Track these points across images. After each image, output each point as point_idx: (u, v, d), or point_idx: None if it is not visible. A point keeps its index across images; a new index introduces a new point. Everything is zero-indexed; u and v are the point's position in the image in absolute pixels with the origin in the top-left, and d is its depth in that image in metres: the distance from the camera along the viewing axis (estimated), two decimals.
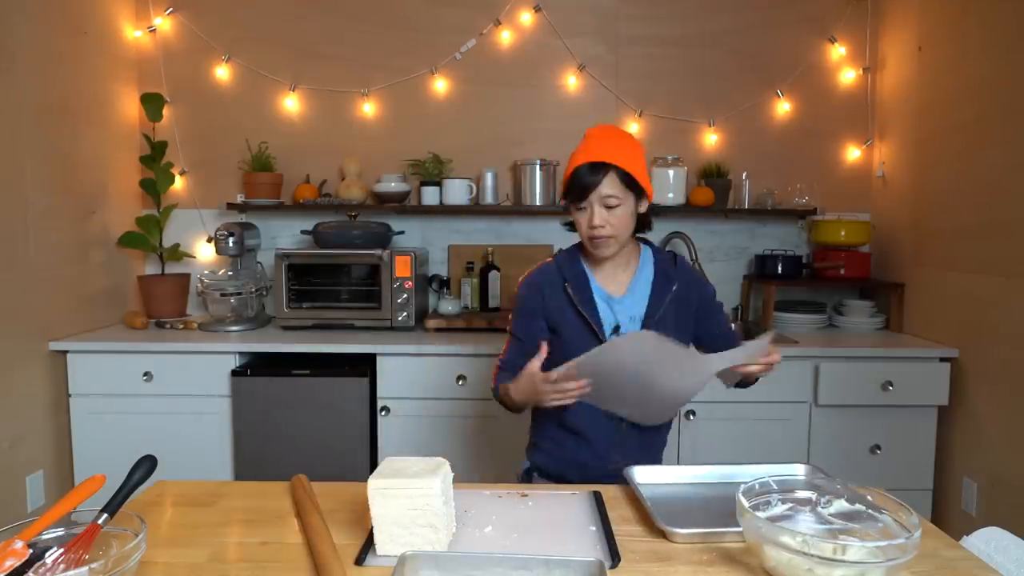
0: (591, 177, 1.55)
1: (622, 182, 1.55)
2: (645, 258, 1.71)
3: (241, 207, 3.04)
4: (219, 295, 2.83)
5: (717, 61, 3.12)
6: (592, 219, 1.57)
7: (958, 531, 1.23)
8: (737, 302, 3.18)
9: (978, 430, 2.46)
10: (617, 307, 1.66)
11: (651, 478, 1.35)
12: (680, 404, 1.57)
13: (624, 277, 1.69)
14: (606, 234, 1.57)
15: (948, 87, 2.60)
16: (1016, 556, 1.13)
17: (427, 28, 3.11)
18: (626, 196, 1.56)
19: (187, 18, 3.11)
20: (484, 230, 3.19)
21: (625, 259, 1.69)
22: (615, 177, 1.54)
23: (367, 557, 1.06)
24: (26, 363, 2.45)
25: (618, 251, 1.63)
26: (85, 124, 2.77)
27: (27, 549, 0.94)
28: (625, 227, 1.59)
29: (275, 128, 3.14)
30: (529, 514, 1.22)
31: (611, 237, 1.58)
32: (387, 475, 1.08)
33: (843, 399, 2.55)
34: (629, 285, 1.68)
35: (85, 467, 2.62)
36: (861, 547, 0.93)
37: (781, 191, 3.08)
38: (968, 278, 2.49)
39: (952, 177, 2.58)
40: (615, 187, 1.55)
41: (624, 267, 1.69)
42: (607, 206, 1.56)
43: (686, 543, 1.11)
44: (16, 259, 2.39)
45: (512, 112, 3.14)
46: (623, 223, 1.58)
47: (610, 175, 1.54)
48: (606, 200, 1.55)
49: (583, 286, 1.66)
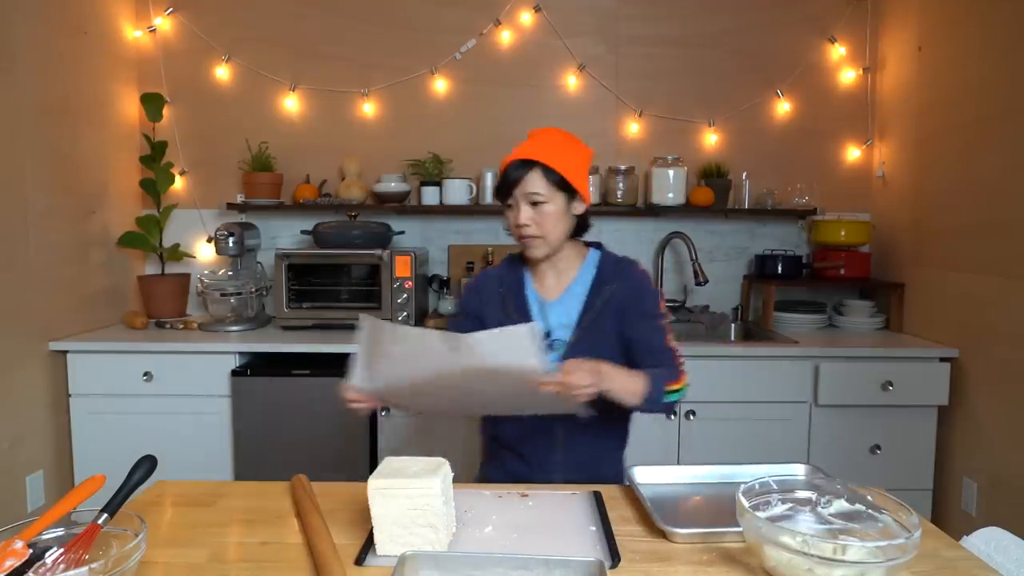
0: (516, 173, 1.53)
1: (549, 180, 1.52)
2: (589, 262, 1.66)
3: (241, 207, 3.04)
4: (219, 295, 2.83)
5: (717, 61, 3.12)
6: (518, 217, 1.54)
7: (958, 531, 1.23)
8: (737, 302, 3.18)
9: (978, 430, 2.46)
10: (549, 312, 1.62)
11: (651, 478, 1.35)
12: (506, 391, 1.34)
13: (561, 281, 1.64)
14: (532, 233, 1.54)
15: (948, 87, 2.60)
16: (1016, 556, 1.13)
17: (427, 28, 3.11)
18: (554, 195, 1.53)
19: (187, 18, 3.11)
20: (484, 230, 3.19)
21: (566, 263, 1.64)
22: (541, 174, 1.51)
23: (367, 557, 1.06)
24: (26, 363, 2.45)
25: (550, 253, 1.59)
26: (85, 124, 2.77)
27: (27, 549, 0.94)
28: (554, 228, 1.55)
29: (275, 128, 3.14)
30: (529, 514, 1.22)
31: (538, 237, 1.54)
32: (387, 475, 1.08)
33: (843, 399, 2.55)
34: (565, 290, 1.63)
35: (85, 467, 2.62)
36: (861, 547, 0.93)
37: (781, 191, 3.08)
38: (968, 278, 2.49)
39: (952, 177, 2.58)
40: (540, 184, 1.51)
41: (563, 271, 1.64)
42: (532, 203, 1.52)
43: (686, 543, 1.11)
44: (16, 259, 2.39)
45: (512, 112, 3.14)
46: (551, 223, 1.54)
47: (536, 172, 1.51)
48: (531, 197, 1.52)
49: (517, 291, 1.64)
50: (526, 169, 1.52)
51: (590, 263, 1.65)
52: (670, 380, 1.49)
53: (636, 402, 1.43)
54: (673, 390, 1.48)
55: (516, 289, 1.64)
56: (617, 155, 3.14)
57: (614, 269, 1.63)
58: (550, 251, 1.58)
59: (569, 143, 1.60)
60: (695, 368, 2.52)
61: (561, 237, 1.58)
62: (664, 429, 2.58)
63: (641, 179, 3.09)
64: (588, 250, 1.69)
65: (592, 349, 1.52)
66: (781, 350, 2.58)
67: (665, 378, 1.48)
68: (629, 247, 3.18)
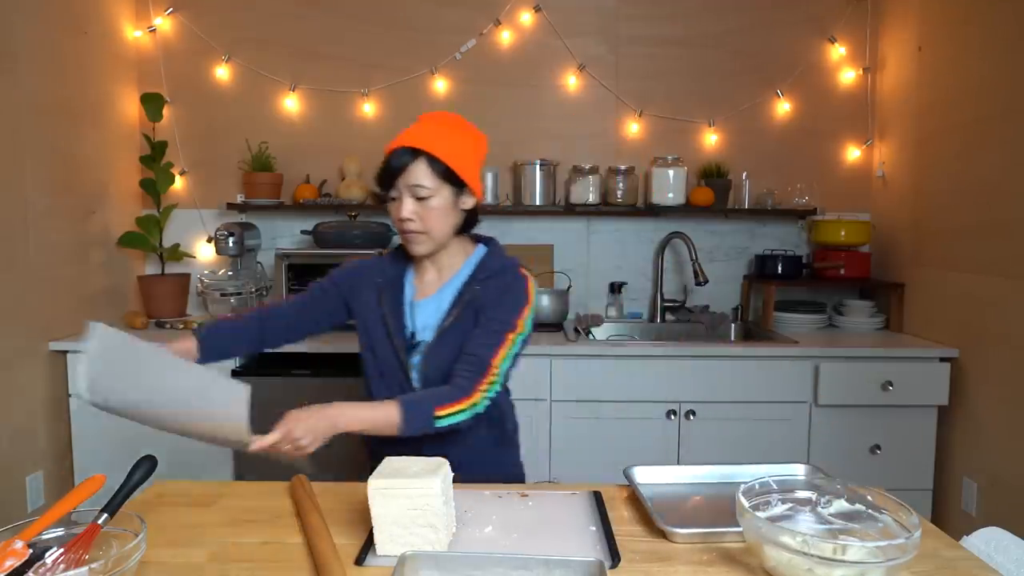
0: (399, 161, 1.42)
1: (436, 172, 1.41)
2: (471, 261, 1.55)
3: (241, 207, 3.04)
4: (219, 295, 2.83)
5: (717, 61, 3.12)
6: (400, 210, 1.43)
7: (958, 531, 1.23)
8: (737, 302, 3.18)
9: (978, 430, 2.46)
10: (417, 312, 1.53)
11: (651, 478, 1.35)
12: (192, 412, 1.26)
13: (440, 279, 1.55)
14: (415, 229, 1.44)
15: (948, 87, 2.60)
16: (1016, 556, 1.13)
17: (427, 28, 3.11)
18: (440, 188, 1.42)
19: (187, 18, 3.11)
20: (484, 230, 3.15)
21: (449, 259, 1.54)
22: (426, 165, 1.41)
23: (367, 557, 1.06)
24: (26, 363, 2.45)
25: (435, 250, 1.49)
26: (85, 124, 2.77)
27: (27, 549, 0.94)
28: (439, 223, 1.45)
29: (275, 128, 3.14)
30: (529, 514, 1.22)
31: (423, 233, 1.44)
32: (387, 475, 1.08)
33: (843, 399, 2.55)
34: (439, 289, 1.54)
35: (85, 467, 2.62)
36: (861, 547, 0.93)
37: (781, 191, 3.08)
38: (968, 278, 2.49)
39: (952, 177, 2.58)
40: (425, 176, 1.41)
41: (444, 268, 1.55)
42: (417, 196, 1.42)
43: (686, 543, 1.11)
44: (16, 259, 2.39)
45: (512, 112, 3.14)
46: (437, 218, 1.44)
47: (421, 162, 1.41)
48: (415, 190, 1.41)
49: (393, 286, 1.55)
50: (411, 158, 1.41)
51: (471, 262, 1.55)
52: (443, 403, 1.36)
53: (396, 433, 1.33)
54: (447, 414, 1.35)
55: (394, 284, 1.55)
56: (617, 155, 3.14)
57: (490, 269, 1.52)
58: (435, 248, 1.49)
59: (460, 130, 1.49)
60: (695, 368, 2.56)
61: (447, 233, 1.48)
62: (664, 429, 2.58)
63: (641, 179, 3.09)
64: (475, 247, 1.59)
65: (451, 352, 1.46)
66: (781, 350, 2.58)
67: (434, 402, 1.36)
68: (629, 247, 3.19)
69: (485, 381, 1.40)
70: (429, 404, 1.36)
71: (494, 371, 1.41)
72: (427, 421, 1.34)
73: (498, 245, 1.61)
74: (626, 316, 3.15)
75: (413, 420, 1.34)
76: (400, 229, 1.47)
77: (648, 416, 2.58)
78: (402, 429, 1.33)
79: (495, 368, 1.41)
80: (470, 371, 1.40)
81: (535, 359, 2.56)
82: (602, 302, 3.19)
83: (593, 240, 3.19)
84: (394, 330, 1.51)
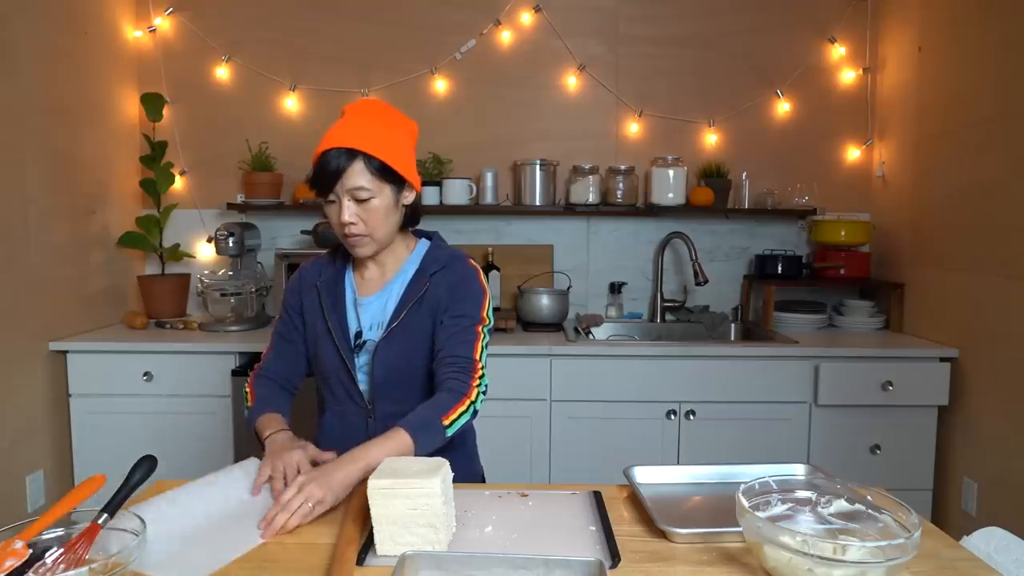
0: (335, 164, 1.34)
1: (374, 171, 1.35)
2: (415, 255, 1.52)
3: (241, 207, 3.04)
4: (219, 295, 2.83)
5: (717, 61, 3.12)
6: (341, 214, 1.37)
7: (958, 531, 1.23)
8: (737, 302, 3.18)
9: (978, 430, 2.46)
10: (363, 311, 1.49)
11: (651, 478, 1.35)
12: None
13: (383, 276, 1.51)
14: (359, 232, 1.39)
15: (948, 88, 2.60)
16: (1016, 556, 1.13)
17: (427, 28, 3.11)
18: (381, 188, 1.37)
19: (187, 18, 3.11)
20: (484, 230, 3.19)
21: (392, 256, 1.50)
22: (364, 166, 1.34)
23: (367, 557, 1.06)
24: (26, 363, 2.45)
25: (380, 250, 1.46)
26: (85, 124, 2.77)
27: (27, 549, 0.94)
28: (382, 223, 1.40)
29: (275, 128, 3.14)
30: (529, 514, 1.22)
31: (366, 236, 1.40)
32: (387, 475, 1.08)
33: (843, 399, 2.55)
34: (384, 286, 1.49)
35: (85, 467, 2.62)
36: (861, 547, 0.93)
37: (781, 191, 3.08)
38: (968, 278, 2.49)
39: (952, 177, 2.58)
40: (364, 177, 1.35)
41: (386, 265, 1.51)
42: (357, 199, 1.36)
43: (686, 543, 1.11)
44: (16, 259, 2.39)
45: (512, 112, 3.14)
46: (379, 219, 1.39)
47: (358, 163, 1.34)
48: (355, 193, 1.35)
49: (334, 286, 1.51)
50: (347, 160, 1.34)
51: (416, 256, 1.52)
52: (447, 410, 1.34)
53: (414, 454, 1.28)
54: (453, 419, 1.33)
55: (335, 283, 1.51)
56: (617, 155, 3.14)
57: (438, 263, 1.48)
58: (379, 248, 1.45)
59: (392, 122, 1.43)
60: (695, 368, 2.56)
61: (391, 232, 1.44)
62: (664, 429, 2.58)
63: (641, 179, 3.09)
64: (417, 242, 1.55)
65: (402, 351, 1.44)
66: (781, 350, 2.58)
67: (439, 413, 1.33)
68: (629, 247, 3.19)
69: (476, 377, 1.40)
70: (434, 416, 1.33)
71: (479, 366, 1.42)
72: (437, 435, 1.32)
73: (441, 238, 1.58)
74: (626, 316, 3.15)
75: (426, 439, 1.31)
76: (341, 233, 1.41)
77: (648, 416, 2.58)
78: (419, 449, 1.29)
79: (480, 363, 1.42)
80: (459, 372, 1.39)
81: (535, 359, 2.56)
82: (602, 302, 3.19)
83: (593, 240, 3.19)
84: (336, 330, 1.48)
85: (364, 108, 1.44)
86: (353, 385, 1.49)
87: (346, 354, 1.48)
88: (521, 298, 2.91)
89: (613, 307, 3.14)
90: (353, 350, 1.49)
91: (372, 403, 1.50)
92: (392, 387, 1.48)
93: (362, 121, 1.39)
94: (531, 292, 2.89)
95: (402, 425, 1.31)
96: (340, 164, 1.34)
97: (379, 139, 1.37)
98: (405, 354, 1.45)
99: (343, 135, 1.36)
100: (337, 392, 1.52)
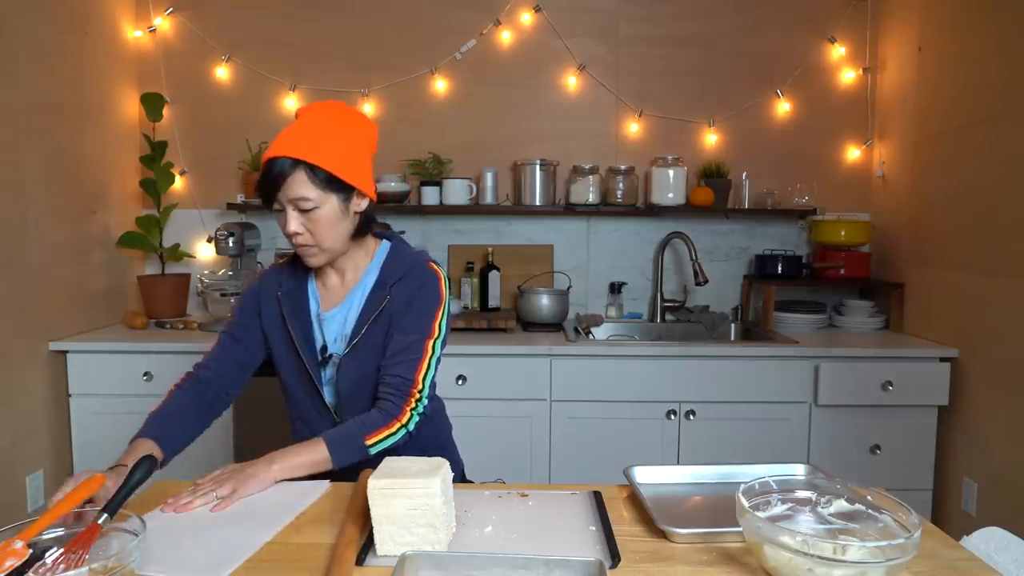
0: (276, 174, 1.30)
1: (318, 181, 1.30)
2: (376, 262, 1.47)
3: (241, 207, 3.04)
4: (219, 295, 2.83)
5: (717, 61, 3.12)
6: (287, 224, 1.33)
7: (958, 531, 1.23)
8: (737, 302, 3.18)
9: (978, 430, 2.46)
10: (326, 325, 1.45)
11: (651, 478, 1.35)
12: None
13: (342, 286, 1.46)
14: (306, 242, 1.35)
15: (948, 88, 2.60)
16: (1016, 556, 1.13)
17: (427, 28, 3.11)
18: (326, 197, 1.32)
19: (187, 18, 3.11)
20: (484, 230, 3.19)
21: (351, 263, 1.46)
22: (307, 175, 1.29)
23: (367, 557, 1.06)
24: (26, 363, 2.45)
25: (332, 259, 1.41)
26: (85, 124, 2.77)
27: (27, 549, 0.94)
28: (330, 234, 1.35)
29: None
30: (529, 514, 1.22)
31: (313, 246, 1.35)
32: (387, 475, 1.07)
33: (843, 399, 2.55)
34: (344, 298, 1.45)
35: (85, 467, 2.59)
36: (861, 547, 0.93)
37: (781, 191, 3.08)
38: (968, 278, 2.49)
39: (952, 177, 2.58)
40: (307, 187, 1.30)
41: (346, 273, 1.46)
42: (301, 209, 1.32)
43: (686, 543, 1.11)
44: (16, 259, 2.39)
45: (512, 112, 3.14)
46: (326, 229, 1.34)
47: (300, 173, 1.29)
48: (298, 203, 1.31)
49: (296, 297, 1.46)
50: (289, 169, 1.29)
51: (376, 262, 1.47)
52: (373, 430, 1.33)
53: (330, 467, 1.30)
54: (378, 440, 1.33)
55: (297, 294, 1.47)
56: (617, 155, 3.14)
57: (398, 271, 1.44)
58: (331, 258, 1.40)
59: (344, 126, 1.36)
60: (695, 368, 2.56)
61: (342, 242, 1.39)
62: (664, 429, 2.58)
63: (641, 179, 3.09)
64: (378, 245, 1.50)
65: (362, 364, 1.42)
66: (781, 350, 2.58)
67: (364, 431, 1.33)
68: (629, 247, 3.19)
69: (412, 399, 1.38)
70: (357, 434, 1.34)
71: (418, 389, 1.39)
72: (358, 451, 1.33)
73: (401, 240, 1.53)
74: (626, 316, 3.15)
75: (342, 453, 1.31)
76: (291, 243, 1.38)
77: (648, 416, 2.58)
78: (334, 464, 1.31)
79: (419, 386, 1.39)
80: (394, 393, 1.38)
81: (535, 359, 2.56)
82: (602, 302, 3.19)
83: (593, 240, 3.19)
84: (301, 344, 1.45)
85: (315, 112, 1.38)
86: (319, 399, 1.49)
87: (312, 368, 1.46)
88: (521, 298, 2.92)
89: (613, 307, 3.14)
90: (320, 364, 1.47)
91: (338, 413, 1.49)
92: (359, 398, 1.47)
93: (311, 127, 1.33)
94: (531, 292, 2.89)
95: (324, 436, 1.32)
96: (281, 173, 1.30)
97: (327, 146, 1.32)
98: (369, 367, 1.44)
99: (287, 143, 1.31)
100: (303, 405, 1.51)
